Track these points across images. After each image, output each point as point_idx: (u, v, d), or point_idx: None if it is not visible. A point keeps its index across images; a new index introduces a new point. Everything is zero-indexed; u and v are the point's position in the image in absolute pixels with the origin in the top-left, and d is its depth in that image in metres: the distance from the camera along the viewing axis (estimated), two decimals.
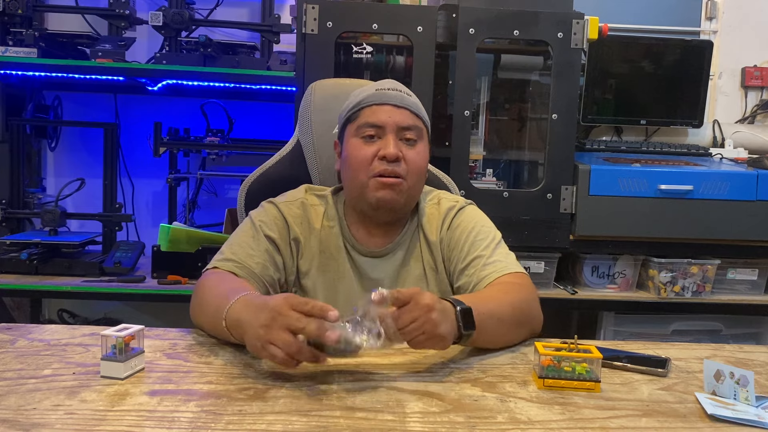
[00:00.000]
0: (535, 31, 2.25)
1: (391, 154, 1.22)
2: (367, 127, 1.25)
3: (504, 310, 1.13)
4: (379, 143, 1.24)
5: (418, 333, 0.95)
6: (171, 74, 2.49)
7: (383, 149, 1.23)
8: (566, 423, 0.85)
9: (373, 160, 1.24)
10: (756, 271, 2.42)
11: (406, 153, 1.25)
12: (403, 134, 1.25)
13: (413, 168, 1.25)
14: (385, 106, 1.26)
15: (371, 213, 1.28)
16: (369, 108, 1.26)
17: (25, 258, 2.33)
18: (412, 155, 1.25)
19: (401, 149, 1.24)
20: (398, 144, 1.24)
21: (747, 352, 1.21)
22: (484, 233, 1.31)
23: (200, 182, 2.86)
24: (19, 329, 1.16)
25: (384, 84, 1.31)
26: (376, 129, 1.25)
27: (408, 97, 1.28)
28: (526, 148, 2.57)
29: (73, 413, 0.82)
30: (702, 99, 2.61)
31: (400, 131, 1.25)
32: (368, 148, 1.25)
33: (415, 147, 1.27)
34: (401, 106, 1.26)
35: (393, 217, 1.30)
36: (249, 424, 0.81)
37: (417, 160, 1.26)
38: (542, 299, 2.28)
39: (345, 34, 2.24)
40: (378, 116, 1.25)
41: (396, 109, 1.26)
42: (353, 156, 1.26)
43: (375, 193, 1.24)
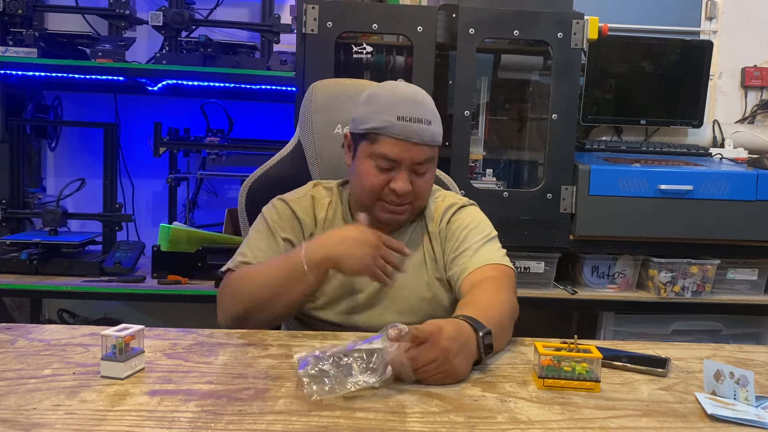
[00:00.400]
0: (535, 31, 2.24)
1: (402, 191, 1.26)
2: (383, 159, 1.26)
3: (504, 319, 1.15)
4: (391, 175, 1.27)
5: (434, 373, 0.95)
6: (171, 74, 2.49)
7: (394, 183, 1.26)
8: (566, 423, 0.85)
9: (383, 189, 1.27)
10: (756, 271, 2.42)
11: (416, 183, 1.28)
12: (416, 168, 1.28)
13: (420, 195, 1.31)
14: (405, 143, 1.25)
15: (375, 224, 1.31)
16: (388, 140, 1.25)
17: (25, 258, 2.33)
18: (421, 184, 1.29)
19: (412, 180, 1.27)
20: (409, 177, 1.27)
21: (747, 352, 1.21)
22: (480, 229, 1.35)
23: (200, 182, 2.86)
24: (19, 329, 1.16)
25: (406, 111, 1.25)
26: (391, 162, 1.26)
27: (428, 129, 1.26)
28: (526, 148, 2.57)
29: (73, 413, 0.82)
30: (702, 99, 2.61)
31: (414, 166, 1.27)
32: (380, 177, 1.27)
33: (426, 175, 1.30)
34: (420, 143, 1.25)
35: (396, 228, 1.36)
36: (249, 424, 0.81)
37: (425, 186, 1.31)
38: (542, 299, 2.32)
39: (345, 34, 2.24)
40: (395, 152, 1.25)
41: (414, 146, 1.25)
42: (365, 180, 1.28)
43: (381, 215, 1.30)
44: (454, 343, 0.96)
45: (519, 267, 2.32)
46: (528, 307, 2.31)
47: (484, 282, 1.24)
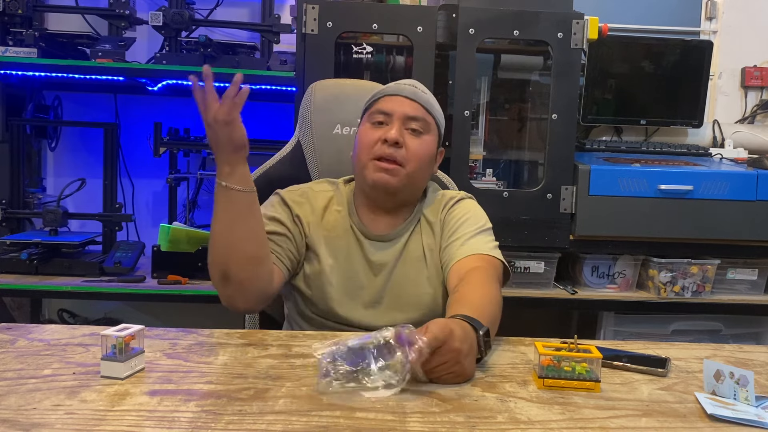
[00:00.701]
0: (535, 31, 2.24)
1: (392, 137, 1.28)
2: (378, 114, 1.33)
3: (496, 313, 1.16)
4: (386, 128, 1.31)
5: (445, 374, 0.96)
6: (171, 74, 2.49)
7: (386, 133, 1.30)
8: (566, 423, 0.85)
9: (375, 143, 1.30)
10: (756, 271, 2.42)
11: (409, 141, 1.30)
12: (409, 124, 1.31)
13: (413, 155, 1.30)
14: (397, 97, 1.33)
15: (371, 194, 1.34)
16: (384, 97, 1.35)
17: (25, 258, 2.33)
18: (415, 144, 1.31)
19: (405, 137, 1.30)
20: (402, 132, 1.30)
21: (747, 352, 1.21)
22: (474, 220, 1.36)
23: (200, 182, 2.86)
24: (19, 329, 1.16)
25: (404, 81, 1.39)
26: (385, 116, 1.32)
27: (422, 94, 1.35)
28: (526, 148, 2.57)
29: (73, 413, 0.82)
30: (702, 99, 2.61)
31: (407, 120, 1.31)
32: (374, 132, 1.31)
33: (420, 137, 1.32)
34: (413, 99, 1.33)
35: (392, 200, 1.35)
36: (249, 424, 0.81)
37: (419, 148, 1.31)
38: (542, 299, 2.32)
39: (345, 34, 2.24)
40: (388, 104, 1.33)
41: (407, 100, 1.33)
42: (360, 138, 1.34)
43: (372, 174, 1.30)
44: (464, 345, 0.97)
45: (519, 267, 2.32)
46: (528, 307, 2.34)
47: (471, 273, 1.24)
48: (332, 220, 1.36)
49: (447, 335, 0.95)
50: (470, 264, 1.26)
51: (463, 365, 0.97)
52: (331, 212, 1.37)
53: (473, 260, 1.28)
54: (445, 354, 0.95)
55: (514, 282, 2.30)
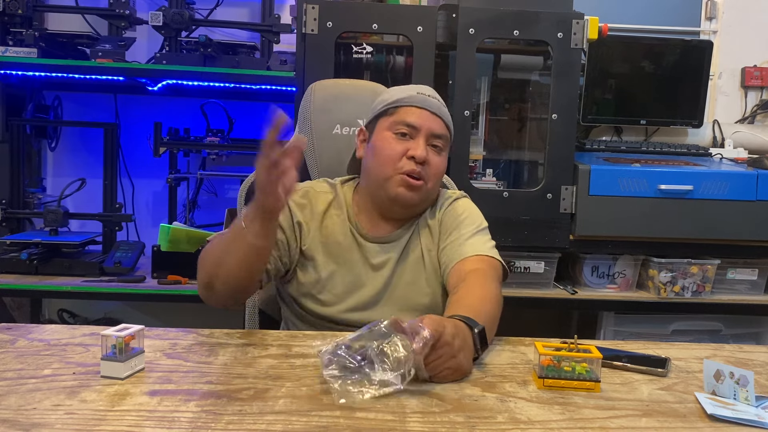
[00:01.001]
0: (535, 31, 2.24)
1: (420, 155, 1.28)
2: (403, 125, 1.31)
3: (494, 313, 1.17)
4: (410, 143, 1.30)
5: (442, 369, 0.97)
6: (171, 74, 2.49)
7: (413, 150, 1.29)
8: (566, 423, 0.85)
9: (401, 158, 1.30)
10: (756, 271, 2.42)
11: (432, 158, 1.31)
12: (433, 141, 1.32)
13: (435, 173, 1.33)
14: (424, 111, 1.32)
15: (387, 205, 1.34)
16: (408, 108, 1.32)
17: (25, 258, 2.33)
18: (437, 161, 1.33)
19: (428, 153, 1.31)
20: (427, 148, 1.31)
21: (747, 352, 1.21)
22: (470, 220, 1.37)
23: (200, 182, 2.86)
24: (19, 329, 1.16)
25: (426, 90, 1.37)
26: (411, 129, 1.31)
27: (444, 109, 1.36)
28: (526, 148, 2.57)
29: (73, 413, 0.82)
30: (702, 99, 2.61)
31: (431, 137, 1.32)
32: (399, 145, 1.30)
33: (440, 154, 1.34)
34: (438, 115, 1.33)
35: (407, 213, 1.36)
36: (249, 424, 0.81)
37: (440, 166, 1.34)
38: (542, 299, 2.32)
39: (345, 34, 2.24)
40: (415, 118, 1.31)
41: (432, 116, 1.32)
42: (383, 148, 1.32)
43: (396, 188, 1.30)
44: (456, 340, 0.98)
45: (519, 267, 2.32)
46: (528, 307, 2.34)
47: (471, 275, 1.24)
48: (331, 225, 1.35)
49: (440, 330, 0.96)
50: (470, 265, 1.27)
51: (459, 360, 0.98)
52: (330, 216, 1.36)
53: (473, 261, 1.28)
54: (439, 348, 0.96)
55: (514, 282, 2.30)
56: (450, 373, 0.97)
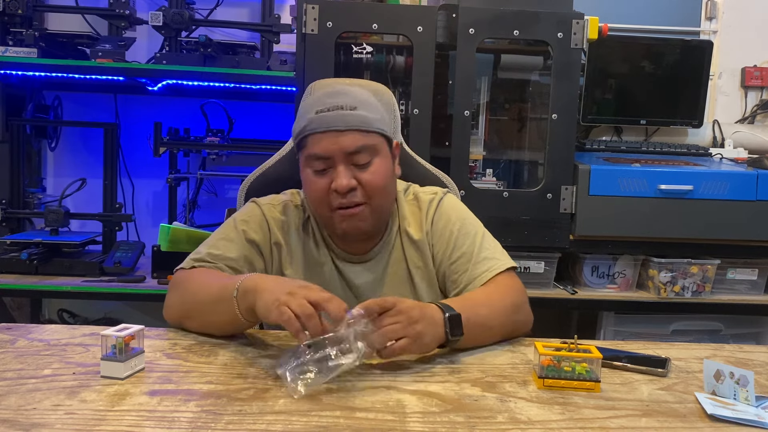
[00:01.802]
0: (535, 31, 2.24)
1: (342, 186, 1.16)
2: (315, 160, 1.18)
3: (494, 317, 1.15)
4: (331, 174, 1.17)
5: (402, 335, 0.98)
6: (171, 74, 2.49)
7: (334, 182, 1.16)
8: (566, 423, 0.85)
9: (329, 194, 1.18)
10: (756, 271, 2.42)
11: (361, 177, 1.18)
12: (353, 159, 1.17)
13: (372, 190, 1.19)
14: (328, 134, 1.16)
15: (342, 239, 1.26)
16: (313, 137, 1.17)
17: (25, 258, 2.33)
18: (368, 177, 1.18)
19: (355, 175, 1.17)
20: (350, 171, 1.17)
21: (747, 352, 1.21)
22: (467, 227, 1.29)
23: (200, 182, 2.86)
24: (19, 329, 1.16)
25: (325, 102, 1.19)
26: (324, 161, 1.17)
27: (351, 114, 1.17)
28: (526, 148, 2.57)
29: (73, 413, 0.82)
30: (702, 99, 2.61)
31: (349, 157, 1.17)
32: (321, 181, 1.18)
33: (370, 167, 1.18)
34: (345, 130, 1.16)
35: (366, 236, 1.26)
36: (249, 424, 0.81)
37: (374, 180, 1.19)
38: (542, 299, 2.32)
39: (345, 34, 2.24)
40: (322, 146, 1.16)
41: (340, 134, 1.16)
42: (309, 189, 1.22)
43: (340, 225, 1.20)
44: (415, 310, 1.00)
45: (519, 267, 2.31)
46: None
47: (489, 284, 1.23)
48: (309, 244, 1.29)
49: (396, 299, 0.99)
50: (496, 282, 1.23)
51: (417, 329, 0.99)
52: (307, 235, 1.29)
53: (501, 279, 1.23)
54: (396, 315, 0.98)
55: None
56: (409, 343, 0.99)
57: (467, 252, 1.26)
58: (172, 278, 1.24)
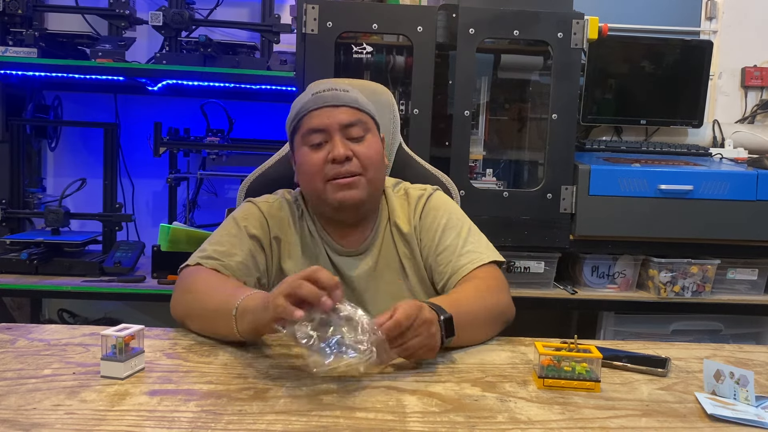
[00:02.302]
0: (535, 31, 2.24)
1: (340, 154, 1.22)
2: (311, 134, 1.25)
3: (479, 312, 1.16)
4: (327, 147, 1.24)
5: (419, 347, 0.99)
6: (171, 74, 2.49)
7: (331, 152, 1.23)
8: (566, 423, 0.85)
9: (324, 165, 1.23)
10: (756, 271, 2.42)
11: (356, 149, 1.24)
12: (348, 132, 1.25)
13: (367, 161, 1.25)
14: (323, 109, 1.25)
15: (336, 215, 1.29)
16: (308, 115, 1.26)
17: (26, 258, 2.33)
18: (363, 149, 1.25)
19: (350, 147, 1.24)
20: (346, 143, 1.24)
21: (747, 352, 1.21)
22: (454, 221, 1.33)
23: (200, 182, 2.86)
24: (19, 329, 1.16)
25: (321, 86, 1.30)
26: (321, 134, 1.24)
27: (345, 94, 1.27)
28: (526, 148, 2.57)
29: (73, 413, 0.82)
30: (702, 99, 2.61)
31: (345, 129, 1.25)
32: (317, 154, 1.24)
33: (364, 141, 1.26)
34: (339, 105, 1.25)
35: (358, 214, 1.30)
36: (249, 424, 0.81)
37: (369, 153, 1.26)
38: (542, 299, 2.32)
39: (345, 34, 2.24)
40: (318, 120, 1.24)
41: (334, 108, 1.25)
42: (305, 164, 1.26)
43: (334, 196, 1.24)
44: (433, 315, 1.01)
45: (519, 267, 2.32)
46: (528, 307, 2.34)
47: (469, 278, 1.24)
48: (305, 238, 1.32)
49: (417, 309, 0.98)
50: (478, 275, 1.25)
51: (435, 339, 1.01)
52: (303, 230, 1.33)
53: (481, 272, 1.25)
54: (419, 327, 0.98)
55: (514, 282, 2.30)
56: (425, 352, 1.00)
57: (452, 245, 1.29)
58: (178, 277, 1.26)
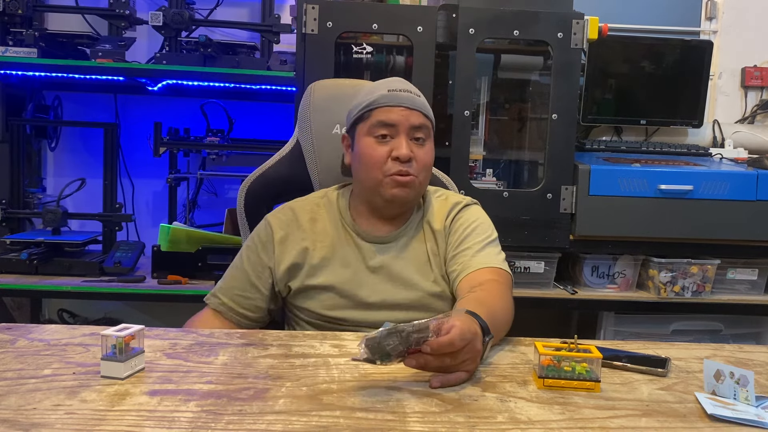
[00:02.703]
0: (535, 31, 2.24)
1: (405, 155, 1.28)
2: (381, 127, 1.30)
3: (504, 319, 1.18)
4: (392, 143, 1.30)
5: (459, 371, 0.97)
6: (171, 74, 2.49)
7: (396, 150, 1.29)
8: (566, 423, 0.85)
9: (387, 160, 1.30)
10: (756, 271, 2.42)
11: (417, 152, 1.31)
12: (413, 134, 1.31)
13: (423, 165, 1.32)
14: (397, 108, 1.31)
15: (383, 206, 1.35)
16: (382, 108, 1.31)
17: (26, 258, 2.33)
18: (422, 154, 1.32)
19: (412, 149, 1.30)
20: (409, 144, 1.30)
21: (747, 352, 1.21)
22: (482, 229, 1.38)
23: (200, 182, 2.86)
24: (19, 329, 1.16)
25: (395, 85, 1.35)
26: (389, 128, 1.30)
27: (418, 99, 1.34)
28: (526, 148, 2.57)
29: (73, 413, 0.82)
30: (702, 99, 2.61)
31: (411, 131, 1.31)
32: (381, 147, 1.30)
33: (425, 146, 1.33)
34: (413, 108, 1.32)
35: (403, 209, 1.37)
36: (249, 424, 0.81)
37: (426, 158, 1.33)
38: (542, 299, 2.32)
39: (345, 34, 2.23)
40: (391, 116, 1.30)
41: (408, 110, 1.31)
42: (367, 155, 1.31)
43: (390, 191, 1.30)
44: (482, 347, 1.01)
45: (519, 267, 2.32)
46: (528, 307, 2.34)
47: (488, 284, 1.25)
48: (322, 229, 1.37)
49: (473, 335, 0.97)
50: (486, 276, 1.28)
51: (474, 370, 1.00)
52: (321, 221, 1.38)
53: (487, 272, 1.29)
54: (467, 353, 0.96)
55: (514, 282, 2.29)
56: (466, 376, 0.98)
57: (471, 246, 1.34)
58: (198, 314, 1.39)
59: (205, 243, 2.36)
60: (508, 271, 1.33)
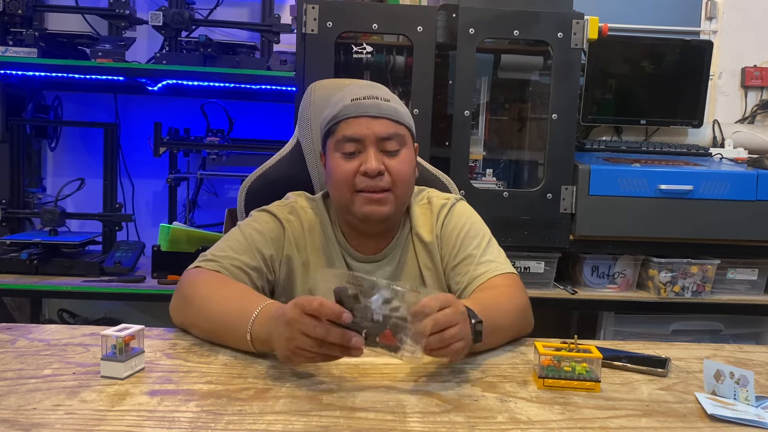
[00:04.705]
0: (535, 31, 2.24)
1: (372, 169, 1.19)
2: (346, 142, 1.21)
3: (505, 320, 1.14)
4: (360, 158, 1.21)
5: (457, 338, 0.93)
6: (171, 74, 2.49)
7: (364, 164, 1.19)
8: (566, 423, 0.85)
9: (355, 176, 1.20)
10: (756, 271, 2.42)
11: (389, 164, 1.21)
12: (383, 145, 1.21)
13: (398, 178, 1.22)
14: (361, 118, 1.21)
15: (361, 225, 1.27)
16: (346, 121, 1.22)
17: (25, 258, 2.33)
18: (395, 165, 1.22)
19: (383, 161, 1.20)
20: (379, 156, 1.20)
21: (747, 352, 1.21)
22: (475, 231, 1.31)
23: (200, 182, 2.86)
24: (19, 329, 1.16)
25: (359, 92, 1.25)
26: (355, 143, 1.21)
27: (385, 104, 1.23)
28: (526, 148, 2.57)
29: (73, 413, 0.82)
30: (702, 99, 2.61)
31: (380, 142, 1.21)
32: (349, 164, 1.21)
33: (398, 156, 1.22)
34: (378, 116, 1.21)
35: (383, 226, 1.28)
36: (249, 424, 0.81)
37: (401, 168, 1.22)
38: (542, 299, 2.32)
39: (345, 34, 2.24)
40: (355, 129, 1.21)
41: (373, 119, 1.21)
42: (335, 173, 1.23)
43: (362, 209, 1.22)
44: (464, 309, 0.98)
45: (519, 267, 2.32)
46: None
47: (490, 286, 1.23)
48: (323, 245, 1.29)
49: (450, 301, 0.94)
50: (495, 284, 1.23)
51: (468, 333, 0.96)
52: (316, 234, 1.30)
53: (499, 280, 1.24)
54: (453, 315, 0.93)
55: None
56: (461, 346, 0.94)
57: (471, 254, 1.28)
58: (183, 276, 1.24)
59: (205, 243, 2.36)
60: (514, 272, 1.27)
